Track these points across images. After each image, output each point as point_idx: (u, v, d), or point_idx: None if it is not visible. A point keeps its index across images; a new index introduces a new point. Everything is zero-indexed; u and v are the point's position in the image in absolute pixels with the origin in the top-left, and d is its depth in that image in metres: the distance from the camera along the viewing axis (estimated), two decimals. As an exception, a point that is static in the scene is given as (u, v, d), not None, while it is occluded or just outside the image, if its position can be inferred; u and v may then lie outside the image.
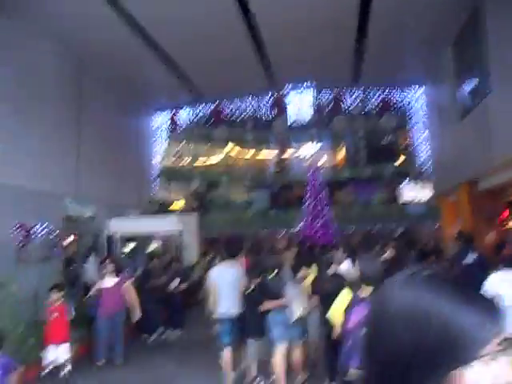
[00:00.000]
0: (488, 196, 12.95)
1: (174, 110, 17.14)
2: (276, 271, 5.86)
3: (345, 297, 3.93)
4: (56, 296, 7.08)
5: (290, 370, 6.11)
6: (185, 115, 17.46)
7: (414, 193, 28.84)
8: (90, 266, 9.82)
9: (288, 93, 16.56)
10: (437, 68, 14.56)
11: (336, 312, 4.06)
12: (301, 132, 26.62)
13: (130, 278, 7.51)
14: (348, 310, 3.44)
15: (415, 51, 14.33)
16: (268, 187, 32.27)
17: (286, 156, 32.68)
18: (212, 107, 16.55)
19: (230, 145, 31.61)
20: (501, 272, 4.25)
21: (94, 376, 7.04)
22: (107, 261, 7.99)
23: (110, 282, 7.19)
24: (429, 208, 26.49)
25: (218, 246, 28.32)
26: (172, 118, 16.89)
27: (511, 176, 10.98)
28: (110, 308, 6.95)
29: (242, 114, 16.93)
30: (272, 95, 16.37)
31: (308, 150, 29.88)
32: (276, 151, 32.27)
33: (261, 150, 32.30)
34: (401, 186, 29.67)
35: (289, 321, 5.49)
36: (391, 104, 15.71)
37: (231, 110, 16.73)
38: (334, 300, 4.39)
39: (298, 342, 5.72)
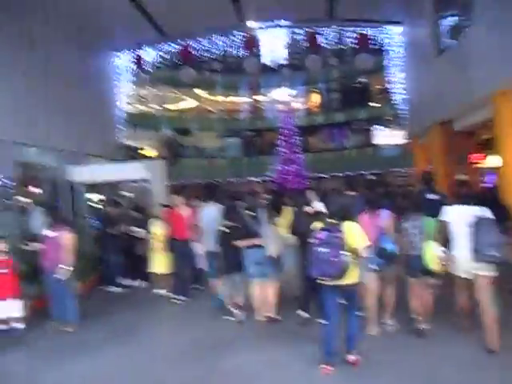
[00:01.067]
0: (461, 136, 12.62)
1: (138, 50, 15.70)
2: (251, 212, 5.92)
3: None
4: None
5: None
6: (150, 56, 15.99)
7: (388, 137, 28.55)
8: (37, 217, 9.11)
9: (259, 31, 15.35)
10: (415, 3, 13.67)
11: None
12: (273, 75, 25.54)
13: (72, 230, 6.73)
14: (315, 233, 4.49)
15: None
16: (240, 134, 31.37)
17: (258, 101, 31.64)
18: (178, 47, 15.20)
19: (200, 90, 30.34)
20: (455, 206, 5.00)
21: (47, 334, 6.51)
22: (52, 211, 7.30)
23: (51, 233, 6.50)
24: (402, 151, 26.35)
25: (191, 193, 27.87)
26: (136, 59, 15.49)
27: (487, 115, 10.57)
28: (52, 261, 6.33)
29: (210, 54, 15.64)
30: (242, 34, 15.14)
31: (281, 94, 28.91)
32: (248, 97, 31.19)
33: (232, 94, 31.12)
34: (374, 131, 29.33)
35: (262, 259, 5.61)
36: (367, 43, 14.75)
37: (199, 51, 15.41)
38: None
39: (270, 280, 5.83)
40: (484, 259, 4.57)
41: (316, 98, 32.00)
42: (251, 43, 15.03)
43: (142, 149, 27.98)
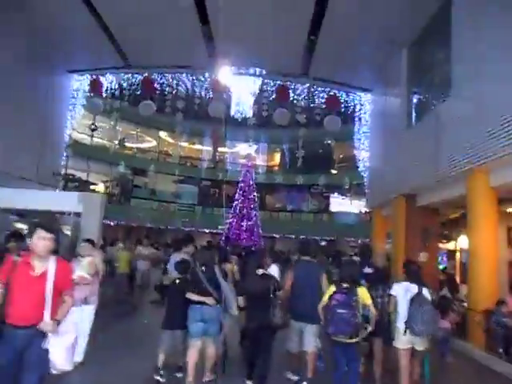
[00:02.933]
0: (425, 212, 11.77)
1: (98, 76, 14.22)
2: (204, 267, 5.49)
3: None
4: None
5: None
6: (109, 83, 14.48)
7: (347, 205, 28.05)
8: None
9: (229, 76, 14.34)
10: (388, 72, 13.25)
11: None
12: (238, 127, 24.69)
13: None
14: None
15: (368, 51, 12.90)
16: (198, 182, 29.98)
17: (220, 152, 30.68)
18: (141, 77, 13.89)
19: (162, 132, 29.11)
20: (403, 283, 5.24)
21: None
22: None
23: None
24: (360, 221, 25.71)
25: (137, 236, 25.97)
26: (94, 84, 13.99)
27: (454, 193, 9.76)
28: None
29: (174, 91, 14.36)
30: (211, 76, 14.08)
31: (244, 148, 28.06)
32: (210, 146, 30.22)
33: (195, 141, 30.06)
34: (333, 197, 28.79)
35: (208, 316, 5.26)
36: (337, 105, 14.09)
37: (163, 85, 14.13)
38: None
39: (212, 340, 5.44)
40: (414, 333, 4.92)
41: (278, 158, 31.48)
42: (219, 87, 13.97)
43: (91, 183, 26.01)
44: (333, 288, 4.82)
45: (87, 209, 11.38)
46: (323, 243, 27.30)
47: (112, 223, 26.46)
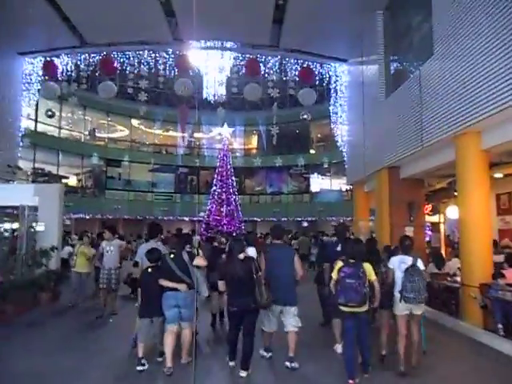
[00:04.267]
0: (410, 184, 10.91)
1: (52, 57, 12.79)
2: (175, 253, 5.53)
3: None
4: None
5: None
6: (66, 65, 13.05)
7: (328, 184, 27.23)
8: None
9: (196, 51, 13.12)
10: (364, 40, 12.23)
11: None
12: (213, 110, 23.47)
13: None
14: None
15: (341, 17, 11.83)
16: (174, 170, 28.72)
17: (196, 138, 29.42)
18: (100, 57, 12.55)
19: (135, 120, 27.67)
20: (398, 256, 5.63)
21: None
22: None
23: None
24: (342, 199, 24.99)
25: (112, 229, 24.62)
26: (46, 66, 12.57)
27: (441, 160, 8.92)
28: None
29: (136, 69, 13.03)
30: (176, 52, 12.84)
31: (220, 133, 26.84)
32: (186, 132, 28.87)
33: (170, 128, 28.69)
34: (314, 177, 27.91)
35: (181, 302, 5.32)
36: (310, 77, 13.04)
37: (124, 64, 12.78)
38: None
39: (187, 324, 5.48)
40: (407, 301, 5.27)
41: (255, 140, 30.40)
42: (185, 64, 12.76)
43: (62, 176, 24.50)
44: (340, 263, 5.14)
45: (44, 201, 10.22)
46: (305, 224, 26.53)
47: (88, 217, 25.22)
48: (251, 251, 6.41)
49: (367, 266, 5.07)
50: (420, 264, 5.39)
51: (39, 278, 9.15)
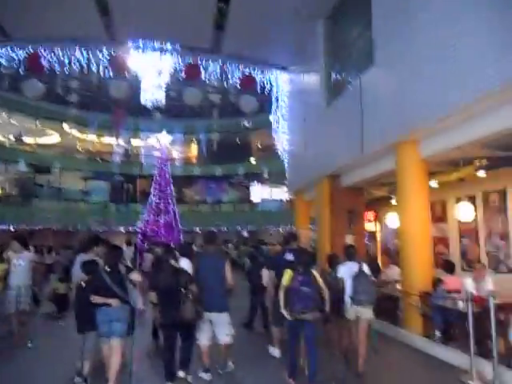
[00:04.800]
0: (350, 193, 10.90)
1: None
2: (109, 268, 5.19)
3: None
4: None
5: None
6: None
7: (268, 193, 27.18)
8: None
9: (132, 52, 12.37)
10: (305, 46, 12.19)
11: None
12: (151, 117, 22.65)
13: None
14: None
15: (282, 24, 11.75)
16: (109, 178, 27.31)
17: (131, 144, 28.25)
18: (25, 53, 11.45)
19: (66, 124, 26.04)
20: (346, 264, 5.94)
21: None
22: None
23: None
24: (283, 208, 24.97)
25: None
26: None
27: (381, 169, 8.95)
28: None
29: (66, 68, 12.01)
30: (110, 51, 12.04)
31: (158, 140, 25.92)
32: (121, 138, 27.66)
33: (103, 134, 27.32)
34: (253, 186, 27.76)
35: (114, 316, 5.01)
36: (252, 84, 12.81)
37: (52, 62, 11.72)
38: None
39: (118, 340, 5.09)
40: (358, 303, 5.61)
41: (195, 148, 29.81)
42: (120, 65, 12.01)
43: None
44: (290, 272, 5.25)
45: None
46: (245, 234, 26.25)
47: (12, 228, 23.21)
48: (184, 263, 6.08)
49: (316, 274, 5.25)
50: (366, 269, 5.78)
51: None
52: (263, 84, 14.06)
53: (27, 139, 25.16)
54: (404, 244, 7.80)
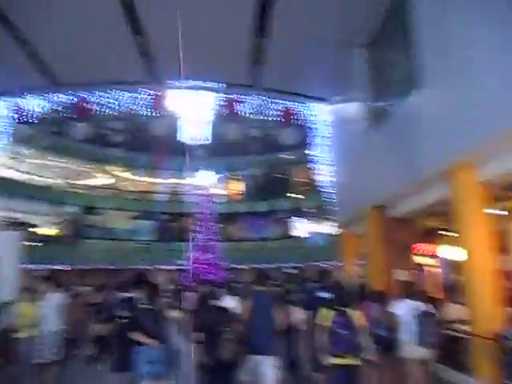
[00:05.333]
0: (400, 224, 10.13)
1: (22, 98, 12.05)
2: (148, 306, 5.10)
3: None
4: None
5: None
6: (36, 106, 12.26)
7: (312, 228, 26.37)
8: None
9: (173, 91, 12.55)
10: (346, 75, 11.86)
11: None
12: (195, 156, 22.85)
13: None
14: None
15: (321, 56, 11.50)
16: (155, 217, 27.61)
17: (176, 184, 28.58)
18: (73, 99, 11.89)
19: (113, 167, 26.85)
20: (403, 302, 5.71)
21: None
22: None
23: None
24: (328, 243, 24.02)
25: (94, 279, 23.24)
26: (18, 109, 11.80)
27: (434, 197, 8.20)
28: None
29: (112, 111, 12.34)
30: (152, 92, 12.27)
31: (201, 178, 26.09)
32: (166, 178, 28.16)
33: (149, 174, 27.88)
34: (296, 222, 27.05)
35: (155, 357, 4.89)
36: (291, 118, 12.55)
37: (98, 105, 12.08)
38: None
39: (164, 380, 4.97)
40: (422, 344, 5.46)
41: (237, 185, 29.74)
42: (162, 105, 12.15)
43: (33, 225, 23.23)
44: (331, 312, 4.93)
45: (2, 250, 9.07)
46: (290, 270, 25.36)
47: (65, 268, 23.72)
48: (228, 301, 6.11)
49: (356, 314, 4.91)
50: (431, 308, 5.69)
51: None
52: (303, 116, 13.79)
53: (78, 181, 26.06)
54: (468, 279, 6.92)
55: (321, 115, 14.13)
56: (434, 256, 11.83)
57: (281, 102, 13.18)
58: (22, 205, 22.06)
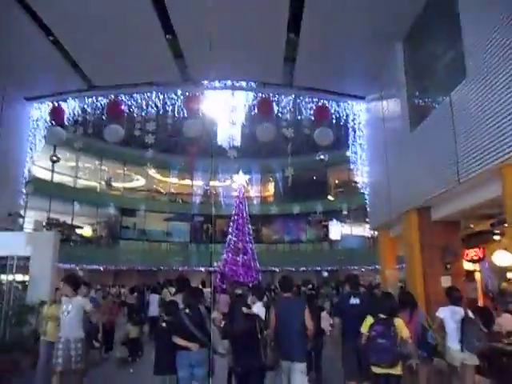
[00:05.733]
0: (443, 227, 9.45)
1: (58, 101, 12.20)
2: (188, 309, 5.06)
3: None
4: None
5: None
6: (71, 109, 12.35)
7: (348, 231, 25.63)
8: None
9: (206, 92, 12.37)
10: (383, 71, 11.29)
11: None
12: (228, 158, 22.69)
13: None
14: None
15: (357, 51, 10.95)
16: (189, 218, 27.65)
17: (211, 186, 28.54)
18: (107, 101, 11.91)
19: (150, 169, 27.07)
20: (447, 307, 5.64)
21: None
22: None
23: None
24: (364, 247, 23.34)
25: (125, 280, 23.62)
26: (53, 111, 11.94)
27: (480, 199, 7.55)
28: None
29: (145, 112, 12.28)
30: (185, 93, 12.12)
31: (235, 180, 25.91)
32: (200, 180, 28.19)
33: (184, 177, 27.98)
34: (333, 224, 26.37)
35: (196, 361, 4.88)
36: (326, 116, 12.05)
37: (132, 107, 12.06)
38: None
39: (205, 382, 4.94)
40: (469, 350, 5.34)
41: (272, 187, 29.40)
42: (195, 104, 11.97)
43: (76, 226, 23.74)
44: (370, 319, 4.92)
45: (37, 251, 9.10)
46: (325, 274, 24.76)
47: (102, 268, 24.12)
48: (258, 307, 5.99)
49: (399, 323, 4.81)
50: (471, 315, 5.53)
51: (21, 339, 7.85)
52: (338, 115, 13.27)
53: (115, 184, 26.46)
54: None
55: (357, 114, 13.56)
56: (480, 261, 11.05)
57: (315, 100, 12.64)
58: (61, 206, 22.58)
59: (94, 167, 25.25)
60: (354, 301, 5.56)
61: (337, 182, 27.85)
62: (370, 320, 4.91)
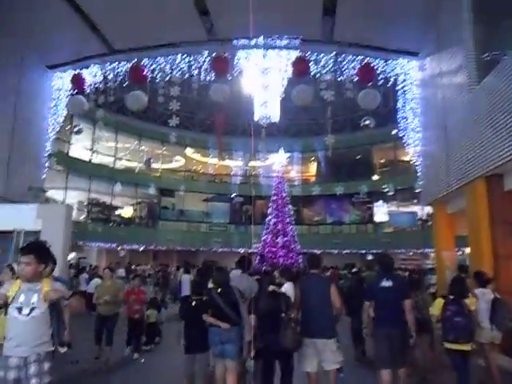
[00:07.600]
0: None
1: (80, 68, 11.12)
2: (219, 288, 5.01)
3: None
4: None
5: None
6: (93, 76, 11.22)
7: (394, 212, 23.45)
8: None
9: (234, 51, 10.85)
10: (440, 20, 9.22)
11: None
12: (268, 137, 21.22)
13: None
14: None
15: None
16: (229, 199, 26.48)
17: (250, 166, 27.20)
18: (129, 65, 10.70)
19: (188, 150, 26.13)
20: (477, 289, 5.72)
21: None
22: None
23: None
24: (413, 228, 21.37)
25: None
26: (75, 80, 10.88)
27: None
28: None
29: (168, 75, 10.95)
30: (212, 53, 10.67)
31: (275, 160, 24.39)
32: (240, 160, 26.92)
33: (224, 156, 26.81)
34: (378, 205, 24.31)
35: (226, 338, 4.80)
36: (372, 76, 10.21)
37: (154, 71, 10.75)
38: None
39: (232, 363, 4.80)
40: (498, 328, 5.51)
41: (314, 167, 27.60)
42: (223, 65, 10.52)
43: (116, 207, 23.30)
44: (441, 301, 5.08)
45: (48, 225, 8.11)
46: (370, 257, 22.87)
47: (141, 248, 23.63)
48: (287, 288, 5.76)
49: (469, 302, 4.98)
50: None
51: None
52: (386, 76, 11.36)
53: (155, 164, 25.72)
54: None
55: (408, 73, 11.56)
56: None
57: (359, 58, 10.81)
58: (101, 187, 22.14)
59: (134, 147, 24.58)
60: (387, 283, 4.99)
61: (382, 161, 25.63)
62: (440, 301, 5.07)
